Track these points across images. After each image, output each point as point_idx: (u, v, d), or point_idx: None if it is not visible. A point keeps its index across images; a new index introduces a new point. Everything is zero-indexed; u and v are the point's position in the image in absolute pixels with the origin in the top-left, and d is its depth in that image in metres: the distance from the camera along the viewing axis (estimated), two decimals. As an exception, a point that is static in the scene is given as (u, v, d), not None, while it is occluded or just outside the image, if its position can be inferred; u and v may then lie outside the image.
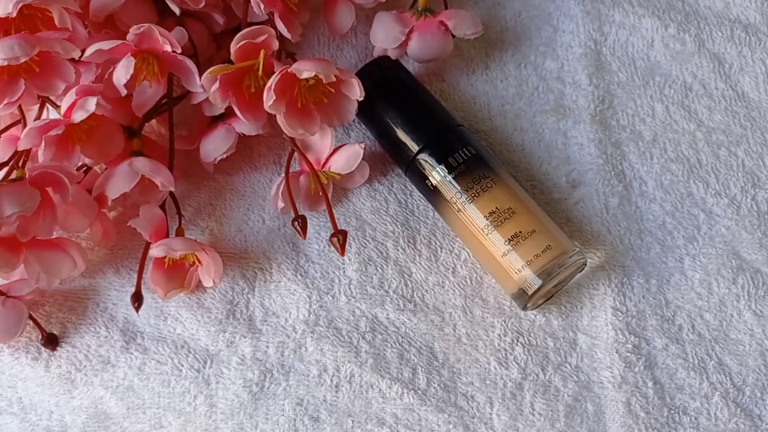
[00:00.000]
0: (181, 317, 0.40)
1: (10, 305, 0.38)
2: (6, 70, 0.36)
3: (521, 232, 0.37)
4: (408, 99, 0.41)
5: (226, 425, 0.38)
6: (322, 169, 0.40)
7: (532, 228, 0.37)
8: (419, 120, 0.40)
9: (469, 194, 0.38)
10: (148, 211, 0.38)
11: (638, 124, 0.44)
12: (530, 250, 0.37)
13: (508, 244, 0.37)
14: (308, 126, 0.38)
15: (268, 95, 0.36)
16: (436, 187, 0.39)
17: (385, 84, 0.41)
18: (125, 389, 0.39)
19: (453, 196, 0.38)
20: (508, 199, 0.38)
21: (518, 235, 0.37)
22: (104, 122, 0.38)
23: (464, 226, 0.38)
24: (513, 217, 0.37)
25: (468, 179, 0.38)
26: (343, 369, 0.39)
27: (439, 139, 0.39)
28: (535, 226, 0.37)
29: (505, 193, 0.38)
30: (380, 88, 0.41)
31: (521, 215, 0.37)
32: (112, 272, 0.42)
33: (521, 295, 0.37)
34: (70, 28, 0.36)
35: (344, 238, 0.38)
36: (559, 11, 0.46)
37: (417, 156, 0.39)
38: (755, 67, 0.45)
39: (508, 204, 0.37)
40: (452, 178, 0.38)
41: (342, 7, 0.43)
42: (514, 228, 0.37)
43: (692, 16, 0.46)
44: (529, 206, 0.38)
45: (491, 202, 0.37)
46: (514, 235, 0.37)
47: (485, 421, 0.38)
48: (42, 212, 0.35)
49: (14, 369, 0.40)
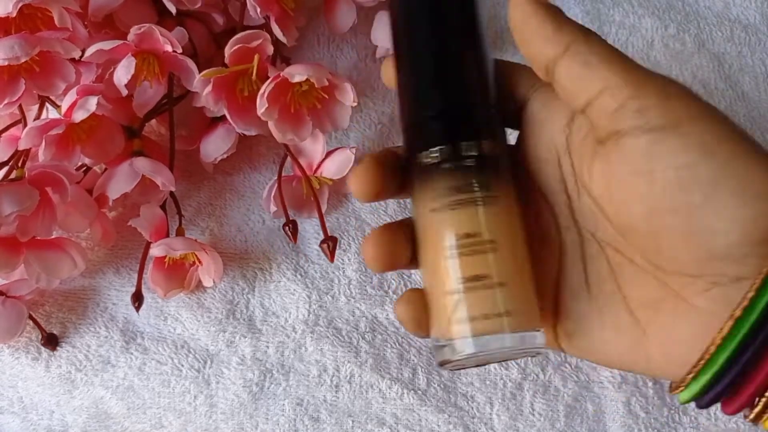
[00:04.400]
0: (181, 317, 0.40)
1: (10, 305, 0.38)
2: (6, 70, 0.36)
3: (486, 276, 0.26)
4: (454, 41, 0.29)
5: (226, 425, 0.38)
6: (314, 174, 0.40)
7: (502, 279, 0.27)
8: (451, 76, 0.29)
9: (453, 199, 0.27)
10: (148, 211, 0.38)
11: (638, 124, 0.44)
12: (483, 305, 0.26)
13: (463, 283, 0.26)
14: (299, 131, 0.38)
15: (261, 102, 0.36)
16: (427, 169, 0.28)
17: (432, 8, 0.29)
18: (125, 389, 0.39)
19: (436, 190, 0.28)
20: (495, 228, 0.27)
21: (481, 278, 0.26)
22: (105, 122, 0.38)
23: (427, 229, 0.28)
24: (490, 253, 0.27)
25: (462, 181, 0.27)
26: (343, 369, 0.39)
27: (462, 114, 0.28)
28: (508, 278, 0.27)
29: (494, 220, 0.27)
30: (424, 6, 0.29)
31: (502, 257, 0.27)
32: (112, 272, 0.42)
33: (439, 351, 0.27)
34: (70, 28, 0.36)
35: (334, 245, 0.39)
36: (559, 11, 0.46)
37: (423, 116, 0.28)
38: (755, 68, 0.45)
39: (492, 235, 0.27)
40: (447, 168, 0.27)
41: (342, 7, 0.43)
42: (483, 267, 0.27)
43: (692, 16, 0.46)
44: (517, 253, 0.28)
45: (474, 222, 0.27)
46: (476, 276, 0.27)
47: (485, 421, 0.38)
48: (41, 212, 0.35)
49: (15, 369, 0.40)
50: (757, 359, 0.23)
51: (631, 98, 0.24)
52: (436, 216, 0.28)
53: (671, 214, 0.24)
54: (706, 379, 0.24)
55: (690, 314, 0.25)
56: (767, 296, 0.23)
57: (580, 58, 0.25)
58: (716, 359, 0.24)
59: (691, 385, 0.25)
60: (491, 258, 0.27)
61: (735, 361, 0.23)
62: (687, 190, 0.23)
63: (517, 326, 0.26)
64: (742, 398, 0.24)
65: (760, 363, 0.23)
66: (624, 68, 0.25)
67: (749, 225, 0.23)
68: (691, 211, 0.23)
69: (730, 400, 0.24)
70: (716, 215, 0.23)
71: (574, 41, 0.25)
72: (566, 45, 0.25)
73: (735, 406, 0.24)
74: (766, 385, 0.23)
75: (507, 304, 0.26)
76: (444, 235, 0.27)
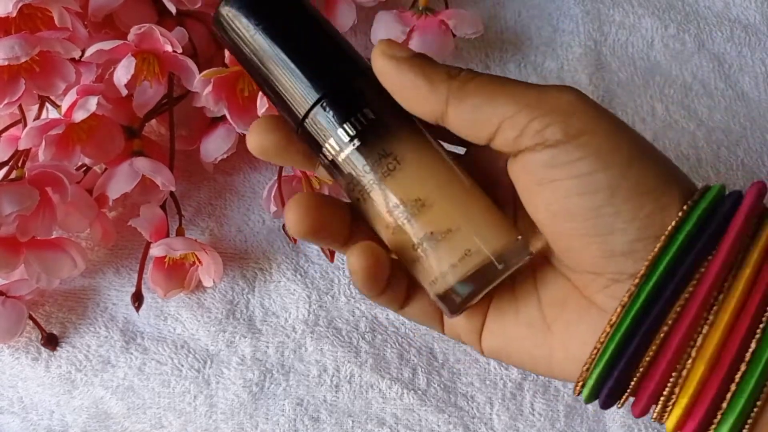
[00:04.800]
0: (181, 317, 0.40)
1: (10, 305, 0.38)
2: (6, 70, 0.36)
3: (433, 234, 0.27)
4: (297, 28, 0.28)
5: (226, 425, 0.38)
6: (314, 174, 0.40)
7: (447, 226, 0.27)
8: (309, 60, 0.28)
9: (367, 181, 0.27)
10: (148, 211, 0.38)
11: (638, 123, 0.44)
12: (445, 257, 0.27)
13: (418, 249, 0.27)
14: None
15: (261, 102, 0.36)
16: (332, 167, 0.28)
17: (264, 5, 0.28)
18: (125, 389, 0.39)
19: (351, 182, 0.28)
20: (417, 185, 0.27)
21: (429, 237, 0.27)
22: (105, 122, 0.38)
23: (371, 222, 0.28)
24: (423, 211, 0.27)
25: (367, 157, 0.27)
26: (343, 369, 0.39)
27: (333, 94, 0.27)
28: (453, 223, 0.27)
29: (414, 176, 0.27)
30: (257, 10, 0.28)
31: (435, 207, 0.27)
32: (112, 272, 0.42)
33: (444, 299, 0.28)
34: (70, 28, 0.36)
35: None
36: (559, 11, 0.46)
37: (304, 121, 0.28)
38: (755, 67, 0.45)
39: (416, 193, 0.27)
40: (348, 155, 0.27)
41: (343, 6, 0.43)
42: (424, 227, 0.27)
43: (692, 16, 0.46)
44: (451, 192, 0.27)
45: (396, 190, 0.27)
46: (424, 236, 0.27)
47: (485, 421, 0.38)
48: (41, 212, 0.35)
49: (14, 369, 0.40)
50: (644, 346, 0.24)
51: (529, 121, 0.25)
52: (363, 205, 0.28)
53: (573, 219, 0.25)
54: (598, 373, 0.25)
55: (590, 311, 0.27)
56: (651, 283, 0.24)
57: (465, 106, 0.25)
58: (607, 348, 0.24)
59: (588, 382, 0.25)
60: (427, 214, 0.27)
61: (623, 349, 0.24)
62: (587, 196, 0.24)
63: (491, 250, 0.27)
64: (643, 398, 0.24)
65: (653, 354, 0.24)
66: (513, 94, 0.25)
67: (645, 222, 0.24)
68: (591, 214, 0.25)
69: (638, 398, 0.25)
70: (614, 216, 0.24)
71: (452, 92, 0.26)
72: (445, 99, 0.26)
73: (639, 406, 0.25)
74: (665, 383, 0.24)
75: (462, 246, 0.27)
76: (378, 218, 0.28)
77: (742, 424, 0.23)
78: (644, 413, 0.25)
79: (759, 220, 0.24)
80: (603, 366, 0.24)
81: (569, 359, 0.27)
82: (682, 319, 0.24)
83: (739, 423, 0.23)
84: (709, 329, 0.23)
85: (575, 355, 0.26)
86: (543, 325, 0.28)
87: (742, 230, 0.24)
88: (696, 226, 0.24)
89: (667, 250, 0.24)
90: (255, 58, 0.28)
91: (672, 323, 0.24)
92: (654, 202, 0.24)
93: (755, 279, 0.24)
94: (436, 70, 0.26)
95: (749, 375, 0.23)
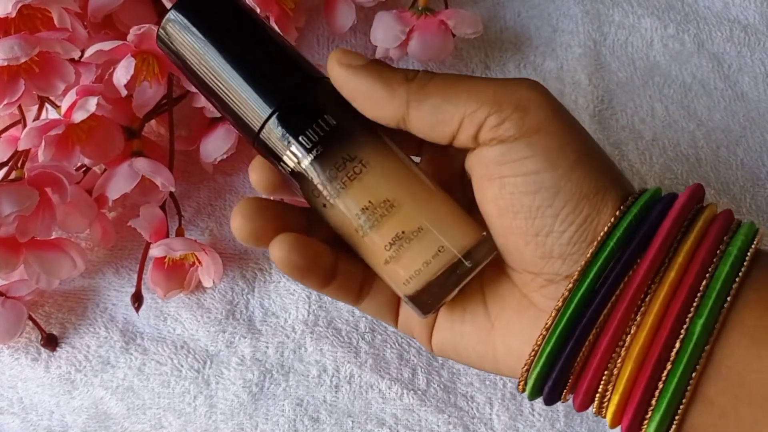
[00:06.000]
0: (180, 317, 0.40)
1: (9, 306, 0.38)
2: (6, 70, 0.36)
3: (404, 233, 0.27)
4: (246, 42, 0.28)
5: (226, 425, 0.38)
6: None
7: (417, 225, 0.27)
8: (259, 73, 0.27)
9: (333, 186, 0.27)
10: (148, 212, 0.38)
11: (638, 123, 0.44)
12: (417, 256, 0.27)
13: (390, 249, 0.27)
14: None
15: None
16: (294, 175, 0.28)
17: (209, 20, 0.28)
18: (125, 390, 0.39)
19: (315, 188, 0.28)
20: (385, 187, 0.27)
21: (401, 237, 0.27)
22: (104, 123, 0.38)
23: (334, 224, 0.28)
24: (392, 211, 0.27)
25: (330, 164, 0.27)
26: (342, 369, 0.39)
27: (288, 105, 0.27)
28: (422, 222, 0.27)
29: (381, 178, 0.27)
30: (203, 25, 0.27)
31: (404, 208, 0.27)
32: (112, 272, 0.42)
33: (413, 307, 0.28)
34: (69, 29, 0.36)
35: None
36: (558, 11, 0.46)
37: (260, 133, 0.28)
38: (754, 67, 0.45)
39: (384, 194, 0.27)
40: (309, 163, 0.27)
41: (342, 7, 0.43)
42: (395, 227, 0.27)
43: (691, 16, 0.46)
44: (417, 193, 0.27)
45: (363, 193, 0.27)
46: (396, 237, 0.27)
47: (485, 421, 0.38)
48: (41, 212, 0.35)
49: (14, 369, 0.40)
50: (578, 348, 0.25)
51: (487, 116, 0.25)
52: (329, 210, 0.28)
53: (516, 216, 0.26)
54: (537, 372, 0.25)
55: (528, 310, 0.27)
56: (583, 288, 0.24)
57: (426, 107, 0.26)
58: (544, 350, 0.25)
59: (528, 380, 0.26)
60: (396, 214, 0.27)
61: (560, 350, 0.25)
62: (531, 195, 0.25)
63: (460, 248, 0.27)
64: (580, 395, 0.25)
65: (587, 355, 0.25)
66: (472, 90, 0.26)
67: (582, 225, 0.25)
68: (533, 213, 0.25)
69: (575, 396, 0.26)
70: (553, 218, 0.25)
71: (412, 94, 0.26)
72: (406, 102, 0.26)
73: (578, 402, 0.25)
74: (598, 382, 0.25)
75: (435, 244, 0.27)
76: (346, 221, 0.28)
77: (669, 422, 0.24)
78: (584, 408, 0.26)
79: (690, 222, 0.25)
80: (540, 367, 0.25)
81: (511, 356, 0.28)
82: (610, 321, 0.24)
83: (666, 420, 0.23)
84: (636, 330, 0.24)
85: (516, 353, 0.27)
86: (487, 323, 0.29)
87: (669, 234, 0.25)
88: (627, 231, 0.25)
89: (598, 256, 0.25)
90: (203, 73, 0.28)
91: (601, 325, 0.25)
92: (592, 206, 0.25)
93: (680, 281, 0.24)
94: (394, 74, 0.26)
95: (673, 373, 0.23)
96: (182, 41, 0.28)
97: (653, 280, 0.24)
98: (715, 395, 0.23)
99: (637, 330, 0.24)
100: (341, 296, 0.30)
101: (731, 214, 0.26)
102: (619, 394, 0.24)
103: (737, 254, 0.24)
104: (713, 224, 0.25)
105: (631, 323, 0.24)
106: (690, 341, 0.23)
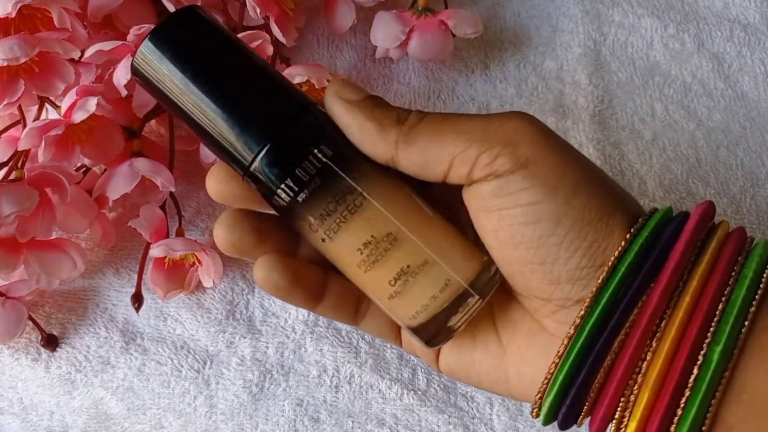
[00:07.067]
0: (180, 318, 0.40)
1: (9, 306, 0.38)
2: (6, 71, 0.36)
3: (409, 267, 0.26)
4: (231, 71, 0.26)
5: (226, 426, 0.38)
6: None
7: (423, 258, 0.26)
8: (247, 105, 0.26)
9: (332, 220, 0.26)
10: (148, 212, 0.38)
11: (638, 123, 0.44)
12: (424, 290, 0.26)
13: (395, 285, 0.26)
14: None
15: None
16: (288, 210, 0.26)
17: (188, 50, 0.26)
18: (125, 390, 0.39)
19: (312, 223, 0.26)
20: (387, 219, 0.26)
21: (406, 271, 0.26)
22: (104, 123, 0.38)
23: (333, 259, 0.27)
24: (396, 245, 0.26)
25: (327, 198, 0.26)
26: (342, 369, 0.39)
27: (280, 136, 0.26)
28: (428, 255, 0.26)
29: (382, 211, 0.26)
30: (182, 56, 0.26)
31: (408, 241, 0.26)
32: (112, 273, 0.42)
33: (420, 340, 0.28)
34: (69, 29, 0.36)
35: None
36: (558, 11, 0.46)
37: (251, 167, 0.26)
38: (754, 67, 0.45)
39: (387, 228, 0.26)
40: (306, 197, 0.26)
41: (342, 7, 0.43)
42: (399, 262, 0.26)
43: (691, 16, 0.46)
44: (420, 224, 0.26)
45: (365, 227, 0.26)
46: (401, 271, 0.26)
47: (485, 421, 0.38)
48: (41, 213, 0.35)
49: (14, 370, 0.40)
50: (591, 377, 0.24)
51: (478, 155, 0.25)
52: (328, 245, 0.27)
53: (518, 247, 0.25)
54: (551, 399, 0.25)
55: (540, 335, 0.27)
56: (595, 315, 0.24)
57: (414, 149, 0.26)
58: (557, 378, 0.25)
59: (543, 406, 0.26)
60: (400, 249, 0.26)
61: (573, 378, 0.25)
62: (532, 225, 0.25)
63: (466, 279, 0.26)
64: (597, 421, 0.25)
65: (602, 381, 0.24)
66: (460, 129, 0.25)
67: (589, 251, 0.25)
68: (535, 243, 0.25)
69: (591, 422, 0.25)
70: (558, 246, 0.25)
71: (402, 136, 0.26)
72: (395, 143, 0.26)
73: (595, 427, 0.25)
74: (614, 408, 0.24)
75: (442, 277, 0.26)
76: (347, 257, 0.26)
77: None
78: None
79: (702, 243, 0.25)
80: (554, 395, 0.25)
81: (524, 381, 0.27)
82: (625, 347, 0.24)
83: None
84: (652, 356, 0.24)
85: (529, 378, 0.27)
86: (499, 349, 0.28)
87: (682, 258, 0.24)
88: (639, 255, 0.24)
89: (610, 281, 0.24)
90: (185, 107, 0.26)
91: (616, 352, 0.24)
92: (597, 231, 0.25)
93: (695, 305, 0.24)
94: (387, 114, 0.26)
95: (692, 401, 0.23)
96: (159, 74, 0.26)
97: (668, 305, 0.24)
98: (736, 422, 0.23)
99: (653, 356, 0.24)
100: (336, 316, 0.30)
101: (744, 232, 0.25)
102: (637, 421, 0.24)
103: (753, 277, 0.24)
104: (727, 245, 0.24)
105: (647, 349, 0.24)
106: (708, 368, 0.23)
